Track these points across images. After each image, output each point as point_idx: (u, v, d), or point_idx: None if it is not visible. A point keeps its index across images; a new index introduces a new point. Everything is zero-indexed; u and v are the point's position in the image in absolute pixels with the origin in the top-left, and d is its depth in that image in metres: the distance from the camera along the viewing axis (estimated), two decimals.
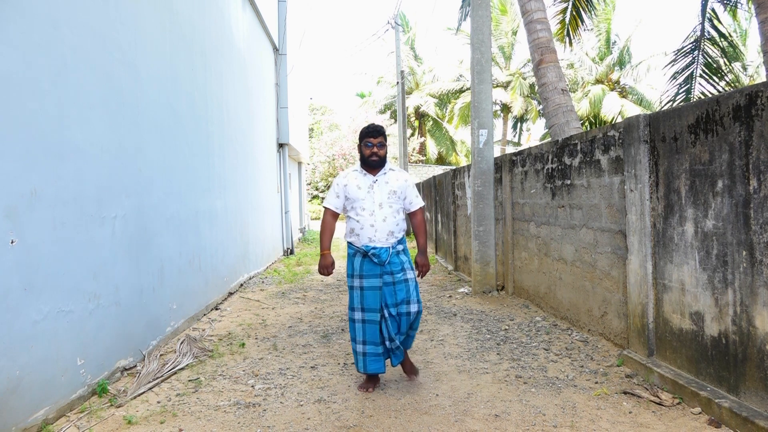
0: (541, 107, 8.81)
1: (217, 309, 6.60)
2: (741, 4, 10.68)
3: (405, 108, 18.48)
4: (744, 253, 2.93)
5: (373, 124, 3.73)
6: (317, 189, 32.00)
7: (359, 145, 3.74)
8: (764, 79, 8.76)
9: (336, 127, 34.19)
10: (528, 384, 3.78)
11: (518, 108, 27.15)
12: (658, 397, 3.39)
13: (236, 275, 7.96)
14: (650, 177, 3.80)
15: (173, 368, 4.18)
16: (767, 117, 2.76)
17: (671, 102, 9.96)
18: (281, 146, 12.47)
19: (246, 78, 9.11)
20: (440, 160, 31.14)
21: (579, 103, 24.31)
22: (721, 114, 3.09)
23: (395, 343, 3.63)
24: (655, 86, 25.86)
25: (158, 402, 3.57)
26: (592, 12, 10.55)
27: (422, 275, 3.83)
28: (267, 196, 10.86)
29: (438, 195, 11.77)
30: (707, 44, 9.60)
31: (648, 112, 3.89)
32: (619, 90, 25.35)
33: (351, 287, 3.71)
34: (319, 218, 28.04)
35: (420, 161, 30.49)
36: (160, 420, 3.27)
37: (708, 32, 9.59)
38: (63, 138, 3.43)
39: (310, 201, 30.97)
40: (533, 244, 6.20)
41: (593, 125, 24.26)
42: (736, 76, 18.02)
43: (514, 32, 27.41)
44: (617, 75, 25.46)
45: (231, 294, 7.55)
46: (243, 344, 4.91)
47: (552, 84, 7.83)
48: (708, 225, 3.22)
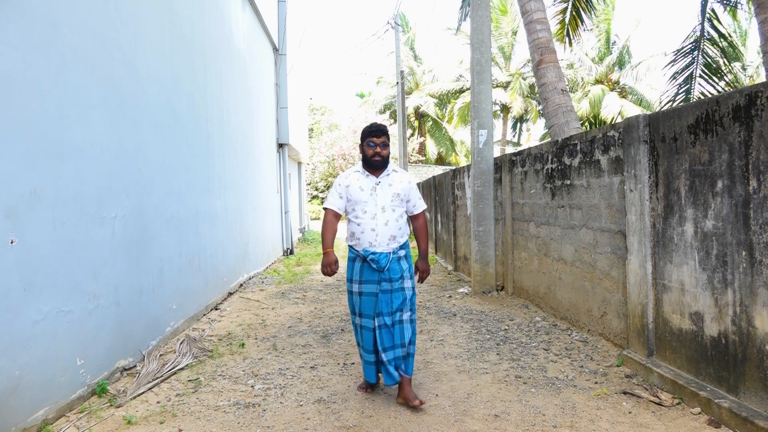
0: (541, 107, 8.81)
1: (217, 309, 6.60)
2: (741, 5, 10.68)
3: (405, 108, 18.48)
4: (743, 254, 2.94)
5: (376, 123, 3.58)
6: (317, 189, 32.00)
7: (361, 145, 3.59)
8: (764, 80, 8.78)
9: (336, 128, 34.20)
10: (528, 384, 3.79)
11: (518, 108, 27.15)
12: (658, 398, 3.39)
13: (236, 275, 7.96)
14: (650, 177, 3.80)
15: (173, 368, 4.18)
16: (767, 117, 2.76)
17: (671, 102, 9.97)
18: (281, 146, 12.47)
19: (246, 78, 9.11)
20: (440, 161, 31.15)
21: (579, 104, 24.32)
22: (721, 114, 3.09)
23: (388, 356, 3.40)
24: (655, 86, 25.87)
25: (158, 402, 3.57)
26: (592, 12, 10.56)
27: (422, 281, 3.74)
28: (267, 196, 10.86)
29: (438, 195, 11.77)
30: (707, 44, 9.61)
31: (648, 113, 3.89)
32: (619, 90, 25.35)
33: (350, 292, 3.60)
34: (319, 218, 28.19)
35: (419, 161, 30.51)
36: (160, 420, 3.27)
37: (708, 32, 9.60)
38: (63, 138, 3.43)
39: (310, 201, 30.98)
40: (533, 245, 6.20)
41: (593, 125, 24.27)
42: (736, 77, 18.04)
43: (514, 32, 27.42)
44: (617, 75, 25.46)
45: (231, 294, 7.55)
46: (243, 344, 4.92)
47: (552, 84, 7.83)
48: (708, 225, 3.22)
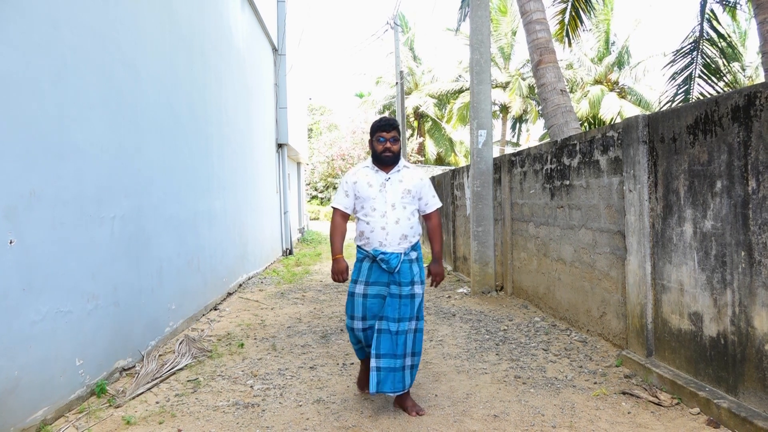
0: (540, 108, 8.81)
1: (216, 309, 6.60)
2: (740, 5, 10.70)
3: (404, 108, 18.47)
4: (743, 254, 2.94)
5: (386, 117, 3.42)
6: (316, 189, 31.99)
7: (370, 140, 3.42)
8: (763, 80, 8.78)
9: (335, 128, 34.19)
10: (527, 384, 3.79)
11: (517, 108, 27.16)
12: (657, 398, 3.39)
13: (235, 275, 7.96)
14: (649, 177, 3.80)
15: (172, 368, 4.17)
16: (766, 118, 2.77)
17: (670, 102, 9.97)
18: (280, 146, 12.47)
19: (245, 78, 9.10)
20: (439, 161, 31.15)
21: (578, 104, 24.32)
22: (720, 115, 3.09)
23: (380, 363, 3.20)
24: (654, 87, 25.92)
25: (157, 402, 3.57)
26: (591, 12, 10.56)
27: (436, 284, 3.57)
28: (266, 197, 10.86)
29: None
30: (706, 45, 9.61)
31: (647, 113, 3.89)
32: (618, 90, 25.36)
33: (352, 293, 3.35)
34: (318, 219, 28.19)
35: (419, 162, 30.49)
36: (159, 420, 3.27)
37: (707, 33, 9.60)
38: (63, 138, 3.43)
39: (309, 201, 30.98)
40: (532, 245, 6.20)
41: (592, 126, 24.28)
42: (735, 77, 18.05)
43: (514, 33, 27.42)
44: (616, 75, 25.47)
45: (230, 294, 7.54)
46: (242, 344, 4.91)
47: (551, 84, 7.84)
48: (707, 225, 3.22)
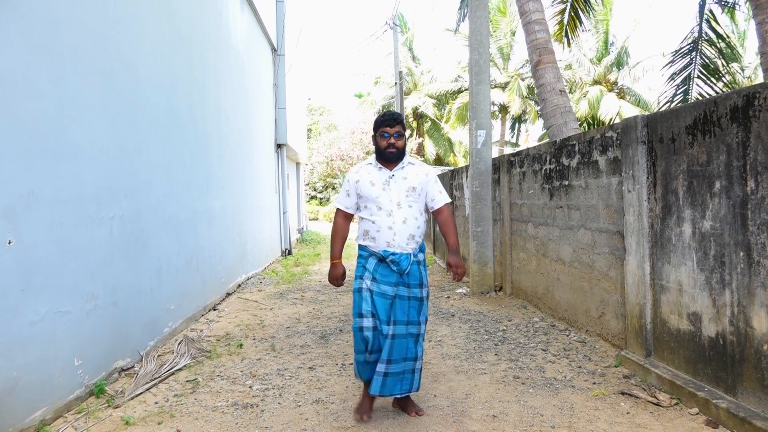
0: (539, 108, 8.82)
1: (215, 309, 6.59)
2: (739, 6, 10.71)
3: (403, 109, 18.48)
4: (741, 254, 2.94)
5: (390, 111, 3.27)
6: (315, 189, 31.99)
7: (374, 136, 3.29)
8: (762, 81, 8.79)
9: (334, 128, 34.18)
10: (526, 384, 3.79)
11: (516, 109, 27.17)
12: (656, 398, 3.39)
13: (234, 276, 7.95)
14: (648, 178, 3.81)
15: (171, 369, 4.17)
16: (765, 118, 2.77)
17: (669, 103, 9.98)
18: (279, 147, 12.46)
19: (244, 78, 9.10)
20: (438, 161, 31.15)
21: (577, 104, 24.32)
22: (719, 115, 3.10)
23: (389, 369, 3.08)
24: (653, 87, 25.99)
25: (156, 403, 3.57)
26: (591, 13, 10.57)
27: (459, 277, 3.26)
28: (265, 197, 10.85)
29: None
30: (705, 45, 9.62)
31: (646, 113, 3.89)
32: (617, 91, 25.37)
33: (358, 290, 3.17)
34: (317, 219, 28.17)
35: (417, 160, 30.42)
36: (158, 421, 3.27)
37: (706, 33, 9.61)
38: (62, 138, 3.43)
39: (308, 201, 30.97)
40: (531, 245, 6.20)
41: (591, 126, 24.29)
42: (734, 78, 18.08)
43: (513, 33, 27.42)
44: (615, 76, 25.48)
45: (229, 294, 7.54)
46: (241, 345, 4.91)
47: (550, 85, 7.84)
48: (705, 226, 3.22)
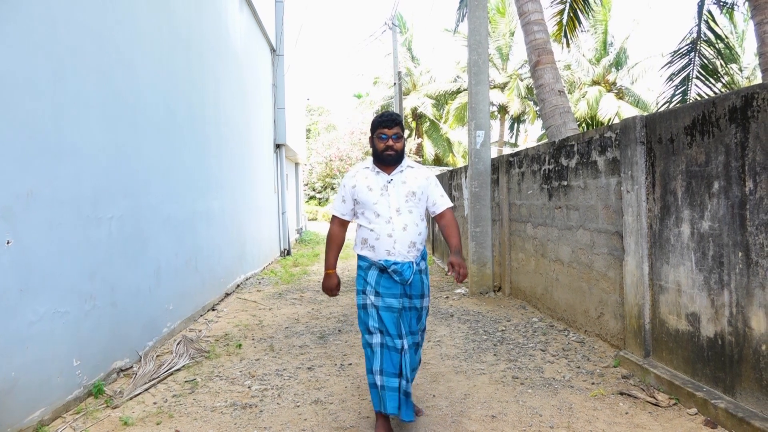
0: (538, 108, 8.82)
1: (214, 310, 6.59)
2: (737, 6, 10.73)
3: (402, 109, 18.48)
4: (740, 255, 2.94)
5: (388, 112, 3.11)
6: (314, 190, 32.01)
7: (371, 138, 3.13)
8: (761, 81, 8.81)
9: (333, 128, 34.18)
10: (525, 385, 3.79)
11: (515, 109, 27.19)
12: (655, 398, 3.40)
13: (233, 276, 7.95)
14: (647, 178, 3.81)
15: (169, 369, 4.17)
16: (763, 119, 2.77)
17: (668, 103, 9.99)
18: (278, 147, 12.46)
19: (243, 78, 9.10)
20: (437, 161, 31.16)
21: (576, 105, 24.35)
22: (717, 116, 3.10)
23: (410, 386, 2.92)
24: (652, 88, 26.00)
25: (154, 403, 3.56)
26: (589, 13, 10.57)
27: (462, 278, 2.99)
28: (264, 197, 10.85)
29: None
30: (704, 46, 9.64)
31: (645, 114, 3.90)
32: (616, 91, 25.40)
33: (363, 305, 3.00)
34: (316, 219, 28.16)
35: (417, 162, 30.44)
36: (156, 421, 3.26)
37: (704, 34, 9.63)
38: (60, 138, 3.42)
39: (307, 202, 30.98)
40: (530, 245, 6.20)
41: (590, 127, 24.29)
42: (733, 78, 18.10)
43: (512, 33, 27.45)
44: (614, 76, 25.51)
45: (228, 295, 7.53)
46: (240, 345, 4.91)
47: (549, 85, 7.85)
48: (704, 226, 3.23)
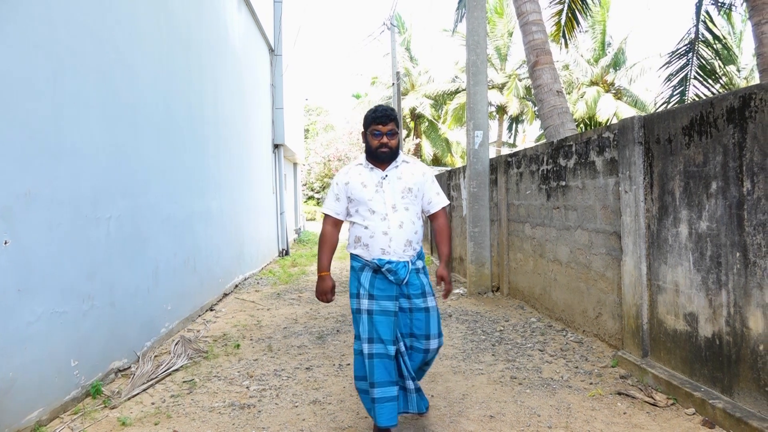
0: (537, 108, 8.83)
1: (212, 310, 6.58)
2: (735, 7, 10.75)
3: (401, 109, 18.49)
4: (737, 255, 2.95)
5: (382, 107, 2.93)
6: (312, 190, 32.01)
7: (364, 134, 2.97)
8: (758, 82, 8.81)
9: (331, 128, 34.19)
10: (523, 385, 3.79)
11: (514, 109, 27.22)
12: (653, 398, 3.40)
13: (231, 276, 7.94)
14: (645, 178, 3.82)
15: (168, 369, 4.16)
16: (761, 119, 2.78)
17: (666, 104, 10.01)
18: (276, 147, 12.46)
19: (241, 79, 9.09)
20: (436, 162, 31.18)
21: (575, 105, 24.38)
22: (715, 116, 3.11)
23: (417, 384, 2.90)
24: (650, 88, 26.03)
25: (152, 403, 3.56)
26: (588, 14, 10.59)
27: (446, 294, 2.98)
28: (262, 197, 10.85)
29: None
30: (702, 46, 9.66)
31: (643, 114, 3.90)
32: (614, 92, 25.44)
33: (356, 311, 2.89)
34: (315, 219, 28.13)
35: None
36: (155, 421, 3.26)
37: (702, 35, 9.65)
38: (59, 138, 3.42)
39: (306, 202, 30.98)
40: (528, 246, 6.21)
41: (588, 127, 24.31)
42: (731, 79, 18.14)
43: (510, 34, 27.48)
44: (612, 77, 25.55)
45: (226, 295, 7.53)
46: (238, 345, 4.91)
47: (547, 86, 7.85)
48: (702, 226, 3.23)
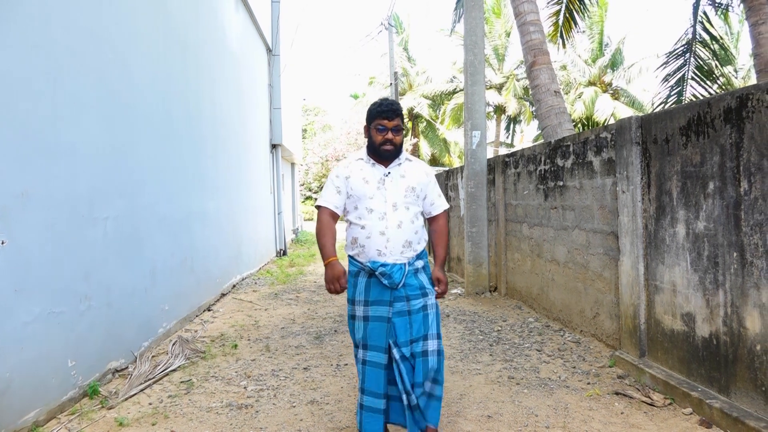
0: (534, 109, 8.84)
1: (210, 310, 6.57)
2: (732, 8, 10.78)
3: None
4: (735, 255, 2.96)
5: (388, 101, 2.76)
6: (310, 190, 31.98)
7: (367, 127, 2.82)
8: (755, 82, 8.84)
9: (329, 128, 34.17)
10: (520, 385, 3.79)
11: (511, 109, 27.24)
12: (650, 398, 3.41)
13: (229, 276, 7.93)
14: (642, 179, 3.82)
15: (165, 370, 4.15)
16: (758, 119, 2.79)
17: (663, 104, 10.04)
18: (274, 147, 12.44)
19: (239, 79, 9.08)
20: (433, 162, 31.19)
21: (572, 105, 24.41)
22: (713, 116, 3.11)
23: (413, 399, 2.61)
24: (648, 88, 26.05)
25: (150, 404, 3.55)
26: (585, 14, 10.60)
27: (441, 295, 2.85)
28: (260, 197, 10.83)
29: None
30: (699, 47, 9.69)
31: (640, 114, 3.91)
32: (612, 92, 25.49)
33: (351, 316, 2.82)
34: (312, 219, 28.10)
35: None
36: (152, 422, 3.25)
37: (700, 35, 9.68)
38: (56, 138, 3.41)
39: (303, 202, 30.95)
40: (526, 246, 6.22)
41: (586, 127, 24.30)
42: (728, 79, 18.17)
43: (508, 34, 27.49)
44: (610, 77, 25.60)
45: (223, 295, 7.52)
46: (235, 345, 4.90)
47: (545, 86, 7.86)
48: (699, 226, 3.24)
